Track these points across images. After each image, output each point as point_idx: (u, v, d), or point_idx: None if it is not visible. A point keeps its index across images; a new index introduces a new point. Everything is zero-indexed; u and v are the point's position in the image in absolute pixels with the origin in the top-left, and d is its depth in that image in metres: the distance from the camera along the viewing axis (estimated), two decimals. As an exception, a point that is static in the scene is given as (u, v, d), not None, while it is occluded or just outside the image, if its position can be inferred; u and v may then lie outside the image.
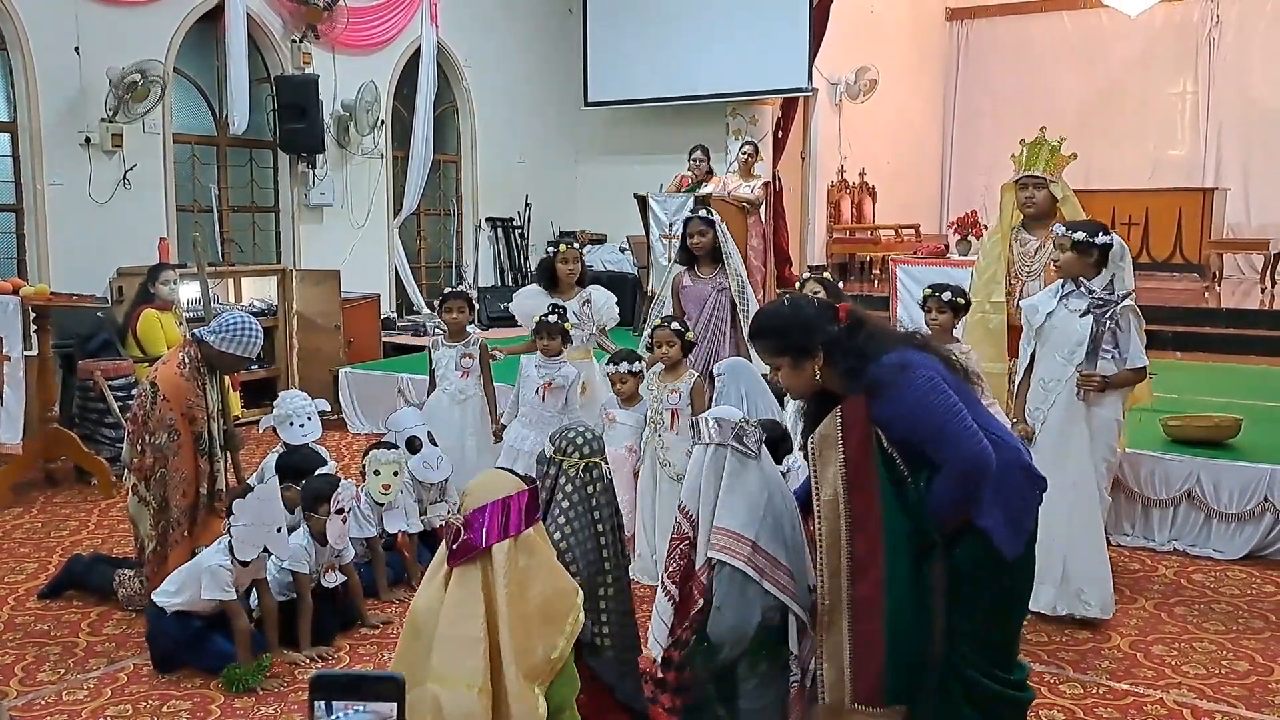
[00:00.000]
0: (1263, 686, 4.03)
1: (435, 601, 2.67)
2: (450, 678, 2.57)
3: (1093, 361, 4.39)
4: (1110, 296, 4.38)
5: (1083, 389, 4.40)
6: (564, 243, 5.96)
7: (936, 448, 2.90)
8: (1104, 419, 4.48)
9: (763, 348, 3.22)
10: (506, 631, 2.64)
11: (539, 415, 5.40)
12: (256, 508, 4.05)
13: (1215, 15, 14.85)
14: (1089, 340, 4.38)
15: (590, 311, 5.80)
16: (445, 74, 11.98)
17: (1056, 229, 4.55)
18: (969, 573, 2.92)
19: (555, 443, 3.33)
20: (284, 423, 5.22)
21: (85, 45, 8.44)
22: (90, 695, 3.95)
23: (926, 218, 15.81)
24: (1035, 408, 4.57)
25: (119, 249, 8.57)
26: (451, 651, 2.59)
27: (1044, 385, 4.54)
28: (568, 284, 5.82)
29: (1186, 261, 13.24)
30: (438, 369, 5.81)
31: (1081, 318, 4.42)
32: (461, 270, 12.49)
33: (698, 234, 5.86)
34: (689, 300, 5.93)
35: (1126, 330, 4.41)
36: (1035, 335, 4.58)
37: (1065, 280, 4.53)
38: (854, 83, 13.92)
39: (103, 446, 6.88)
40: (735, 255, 5.87)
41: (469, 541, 2.67)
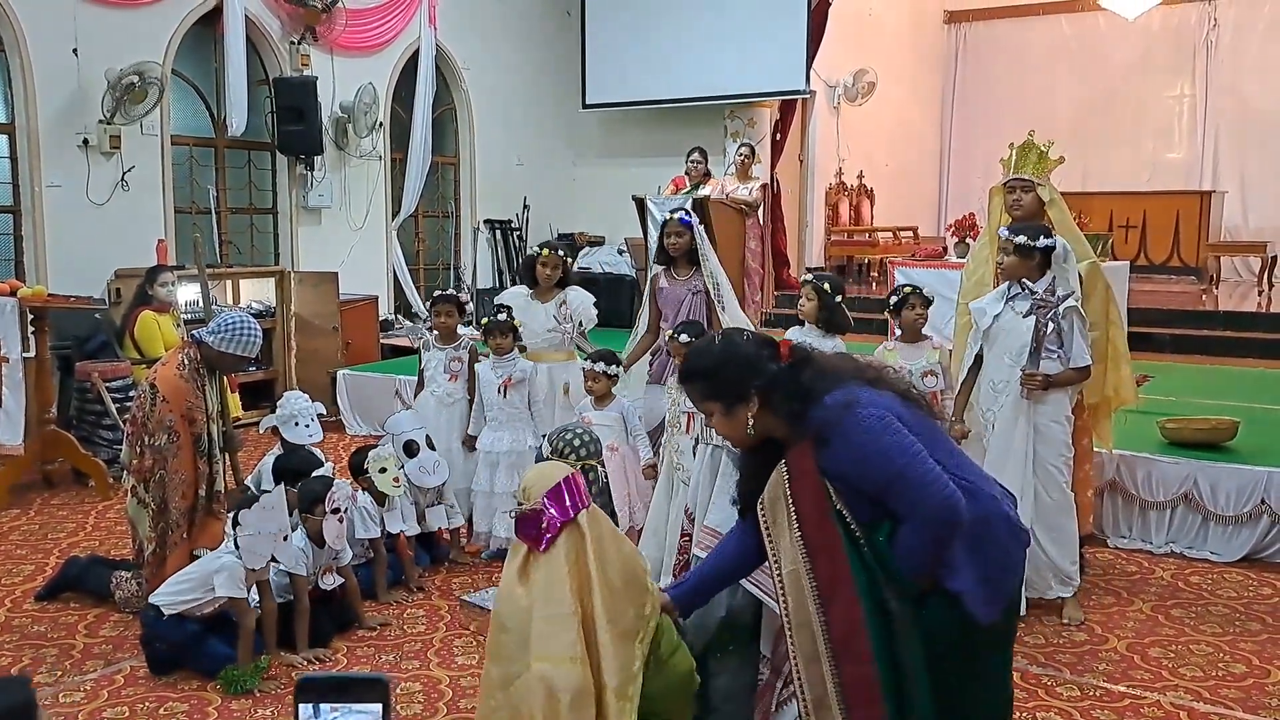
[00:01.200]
0: (1259, 689, 4.03)
1: (516, 589, 2.77)
2: (553, 655, 2.67)
3: (1035, 361, 4.44)
4: (1051, 298, 4.44)
5: (1025, 388, 4.45)
6: (547, 246, 5.98)
7: (895, 497, 2.55)
8: (1050, 417, 4.52)
9: (692, 391, 2.86)
10: (597, 599, 2.74)
11: (507, 414, 5.46)
12: (263, 516, 4.05)
13: (1213, 19, 14.86)
14: (1031, 340, 4.44)
15: (568, 312, 5.82)
16: (444, 76, 11.98)
17: (1000, 231, 4.62)
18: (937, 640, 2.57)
19: (553, 444, 3.33)
20: (288, 423, 5.22)
21: (83, 46, 8.44)
22: (87, 697, 3.95)
23: (924, 220, 15.81)
24: (986, 409, 4.63)
25: (117, 250, 8.56)
26: (550, 630, 2.69)
27: (993, 387, 4.61)
28: (546, 286, 5.84)
29: (1184, 264, 13.26)
30: (426, 370, 5.82)
31: (1025, 318, 4.48)
32: (460, 272, 12.48)
33: (674, 235, 5.87)
34: (666, 302, 5.94)
35: (1070, 330, 4.46)
36: (983, 337, 4.63)
37: (1011, 283, 4.59)
38: (852, 85, 13.93)
39: (100, 448, 6.88)
40: (712, 257, 5.87)
41: (554, 519, 2.77)
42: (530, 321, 5.67)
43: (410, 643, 4.44)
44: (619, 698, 2.70)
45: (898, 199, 15.48)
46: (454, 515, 5.46)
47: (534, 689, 2.65)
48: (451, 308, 5.76)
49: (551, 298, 5.83)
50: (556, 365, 5.79)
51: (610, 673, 2.71)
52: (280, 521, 4.09)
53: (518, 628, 2.73)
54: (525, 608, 2.74)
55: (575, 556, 2.77)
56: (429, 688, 4.02)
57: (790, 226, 12.92)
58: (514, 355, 5.50)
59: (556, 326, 5.76)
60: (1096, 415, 5.00)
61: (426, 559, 5.35)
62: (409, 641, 4.46)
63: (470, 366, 5.76)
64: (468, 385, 5.75)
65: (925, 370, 4.90)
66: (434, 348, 5.82)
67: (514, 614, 2.75)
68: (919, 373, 4.87)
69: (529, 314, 5.70)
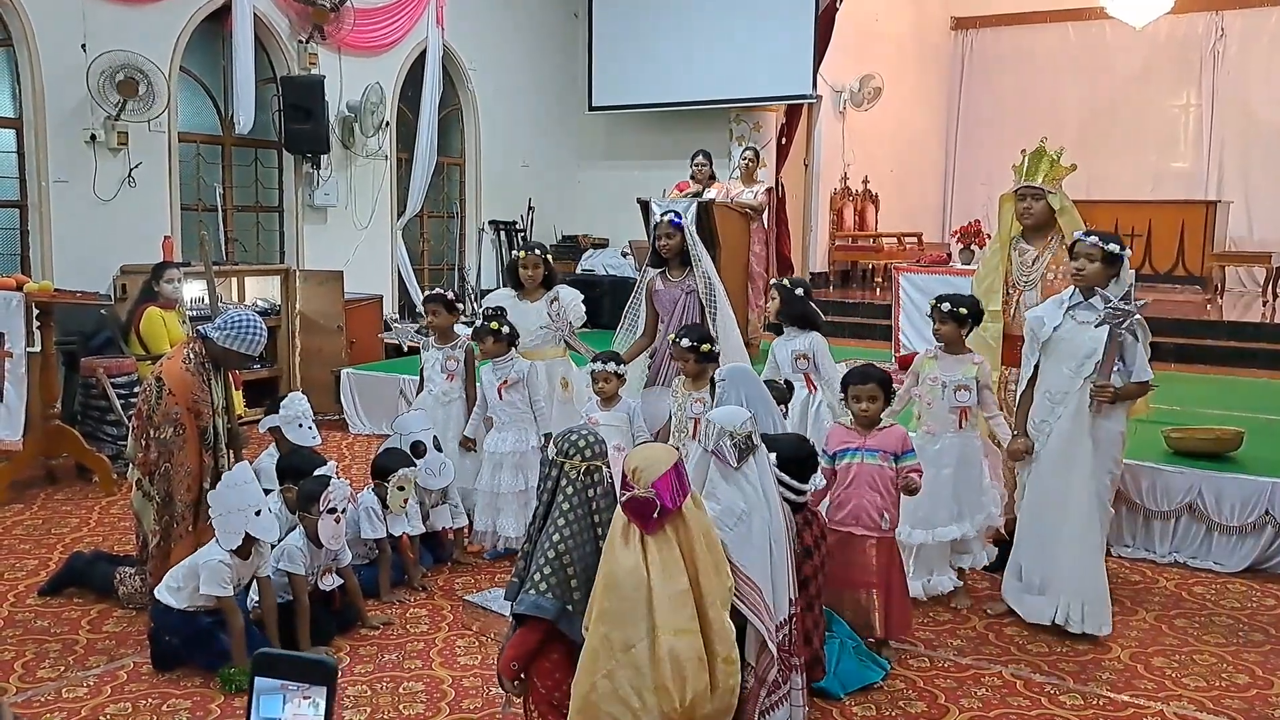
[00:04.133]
0: (1262, 700, 4.02)
1: (638, 564, 3.02)
2: (678, 626, 3.00)
3: (1106, 373, 4.34)
4: (1128, 306, 4.31)
5: (1096, 400, 4.36)
6: (525, 248, 5.99)
7: None
8: (1110, 431, 4.46)
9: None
10: (705, 575, 3.08)
11: (509, 415, 5.46)
12: (230, 494, 4.08)
13: (1219, 29, 14.88)
14: (1104, 350, 4.33)
15: (559, 310, 5.83)
16: (450, 77, 11.99)
17: (1082, 238, 4.47)
18: None
19: (558, 445, 3.34)
20: (291, 424, 5.21)
21: (91, 43, 8.44)
22: (90, 693, 3.95)
23: (929, 226, 15.84)
24: (1041, 420, 4.53)
25: (123, 247, 8.56)
26: (672, 605, 3.01)
27: (1050, 397, 4.50)
28: (532, 287, 5.86)
29: (1188, 274, 13.28)
30: (425, 369, 5.84)
31: (1095, 328, 4.37)
32: (464, 273, 12.49)
33: (665, 236, 5.89)
34: (661, 304, 5.95)
35: (1135, 343, 4.39)
36: (1040, 348, 4.54)
37: (1073, 291, 4.49)
38: (858, 90, 13.95)
39: (104, 444, 6.88)
40: (704, 257, 5.88)
41: (666, 508, 3.05)
42: (521, 320, 5.69)
43: (413, 642, 4.44)
44: (727, 663, 3.07)
45: (902, 205, 15.51)
46: (458, 515, 5.47)
47: (663, 658, 2.97)
48: (439, 307, 5.76)
49: (539, 297, 5.86)
50: (554, 362, 5.83)
51: (721, 642, 3.07)
52: (250, 497, 4.09)
53: (637, 597, 3.00)
54: (644, 580, 3.01)
55: (685, 539, 3.08)
56: (431, 687, 4.02)
57: (795, 231, 12.93)
58: (510, 356, 5.50)
59: (549, 324, 5.79)
60: None
61: (430, 559, 5.35)
62: (412, 641, 4.45)
63: (468, 366, 5.76)
64: (465, 385, 5.76)
65: (959, 385, 4.75)
66: (432, 347, 5.84)
67: (636, 584, 3.00)
68: (952, 386, 4.75)
69: (519, 314, 5.72)
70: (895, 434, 4.40)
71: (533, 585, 3.16)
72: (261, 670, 1.65)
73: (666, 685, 2.94)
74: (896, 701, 3.95)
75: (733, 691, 3.06)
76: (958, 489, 4.75)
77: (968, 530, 4.74)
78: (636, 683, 2.97)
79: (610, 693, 2.98)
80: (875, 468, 4.32)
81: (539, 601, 3.13)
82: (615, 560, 3.04)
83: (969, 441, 4.78)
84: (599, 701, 2.98)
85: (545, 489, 3.31)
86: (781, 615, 3.40)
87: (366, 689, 4.00)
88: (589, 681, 3.01)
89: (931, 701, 3.96)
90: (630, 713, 2.97)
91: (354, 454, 7.70)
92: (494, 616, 4.45)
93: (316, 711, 1.63)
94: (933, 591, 4.79)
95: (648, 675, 2.97)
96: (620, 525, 3.08)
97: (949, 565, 4.80)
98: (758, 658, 3.35)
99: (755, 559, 3.31)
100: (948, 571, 4.80)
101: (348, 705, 3.86)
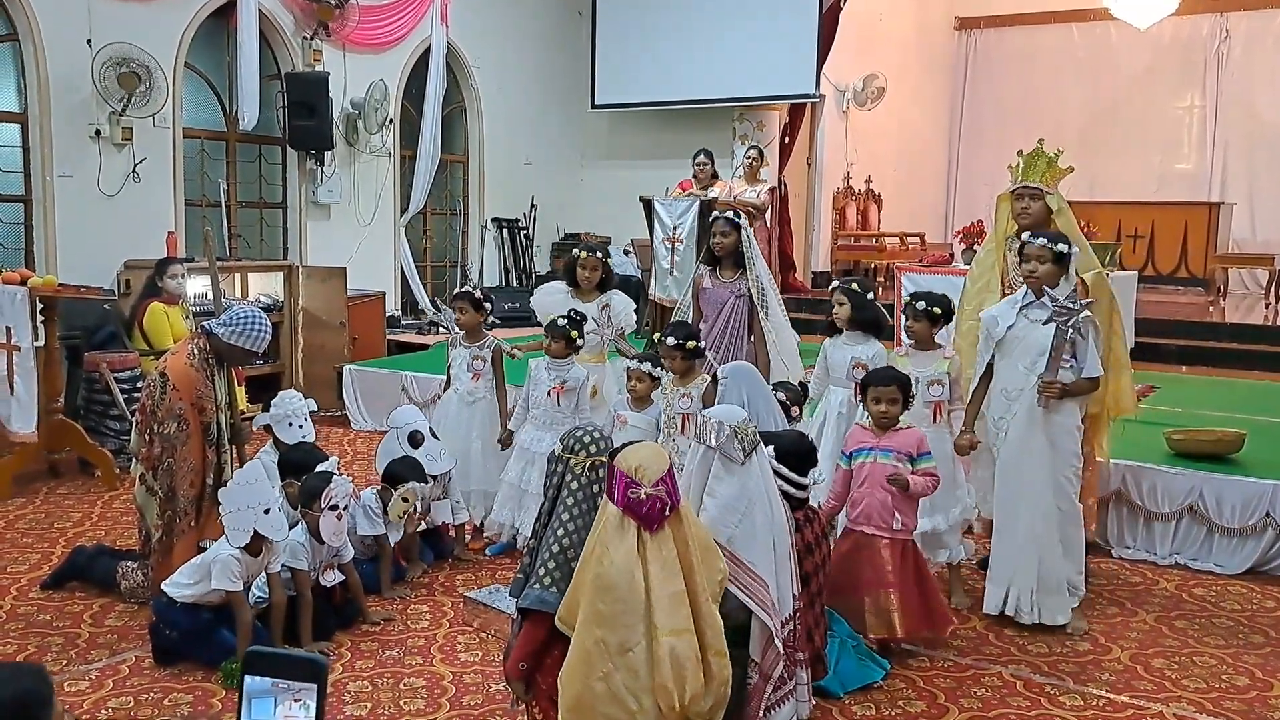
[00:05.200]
0: (1262, 702, 4.03)
1: (634, 565, 2.99)
2: (676, 628, 2.98)
3: (1053, 369, 4.43)
4: (1074, 305, 4.41)
5: (1044, 396, 4.43)
6: (586, 249, 5.95)
7: None
8: (1063, 426, 4.52)
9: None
10: (697, 570, 3.07)
11: (552, 417, 5.36)
12: (241, 492, 4.09)
13: (1224, 30, 14.86)
14: (1051, 347, 4.42)
15: (609, 315, 5.82)
16: (454, 74, 11.99)
17: (1031, 240, 4.56)
18: None
19: (564, 441, 3.34)
20: (281, 422, 5.17)
21: (97, 38, 8.45)
22: (91, 687, 3.96)
23: (932, 226, 15.83)
24: (999, 417, 4.62)
25: (127, 242, 8.57)
26: (670, 605, 2.99)
27: (1006, 395, 4.59)
28: (587, 289, 5.84)
29: (1191, 275, 13.28)
30: (452, 367, 5.79)
31: (1044, 325, 4.46)
32: (467, 270, 12.50)
33: (721, 235, 5.86)
34: (707, 302, 5.92)
35: (1085, 339, 4.45)
36: (995, 346, 4.61)
37: (1025, 290, 4.58)
38: (861, 90, 13.94)
39: (107, 439, 6.89)
40: (759, 260, 5.86)
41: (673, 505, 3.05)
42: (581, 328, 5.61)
43: (414, 638, 4.45)
44: (719, 655, 3.05)
45: (905, 204, 15.49)
46: (459, 511, 5.46)
47: (663, 659, 2.95)
48: (466, 304, 5.69)
49: (592, 299, 5.84)
50: (592, 367, 5.74)
51: (713, 635, 3.05)
52: (260, 496, 4.10)
53: (634, 599, 2.97)
54: (640, 581, 2.98)
55: (680, 536, 3.06)
56: (432, 684, 4.03)
57: (797, 230, 12.93)
58: (570, 361, 5.43)
59: (597, 329, 5.75)
60: (1095, 424, 4.99)
61: (430, 555, 5.35)
62: (412, 637, 4.47)
63: (495, 366, 5.71)
64: (496, 385, 5.71)
65: (931, 379, 4.85)
66: (459, 345, 5.76)
67: (632, 586, 2.97)
68: (925, 381, 4.82)
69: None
70: (912, 436, 4.42)
71: (538, 580, 3.16)
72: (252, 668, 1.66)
73: (667, 686, 2.94)
74: (896, 701, 3.96)
75: (726, 682, 3.07)
76: None
77: (939, 523, 4.77)
78: (633, 685, 2.96)
79: (606, 695, 2.97)
80: (889, 467, 4.33)
81: (544, 596, 3.13)
82: (610, 561, 3.01)
83: (942, 436, 4.83)
84: (594, 704, 2.97)
85: (551, 485, 3.32)
86: (786, 611, 3.41)
87: (367, 685, 4.01)
88: (582, 684, 2.99)
89: (931, 701, 3.97)
90: (628, 715, 2.97)
91: (355, 450, 7.71)
92: (495, 613, 4.46)
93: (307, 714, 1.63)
94: None
95: (645, 677, 2.96)
96: (613, 525, 3.03)
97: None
98: (763, 654, 3.35)
99: (760, 554, 3.32)
100: None
101: (348, 700, 3.88)
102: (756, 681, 3.34)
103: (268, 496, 4.15)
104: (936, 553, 4.86)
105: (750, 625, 3.36)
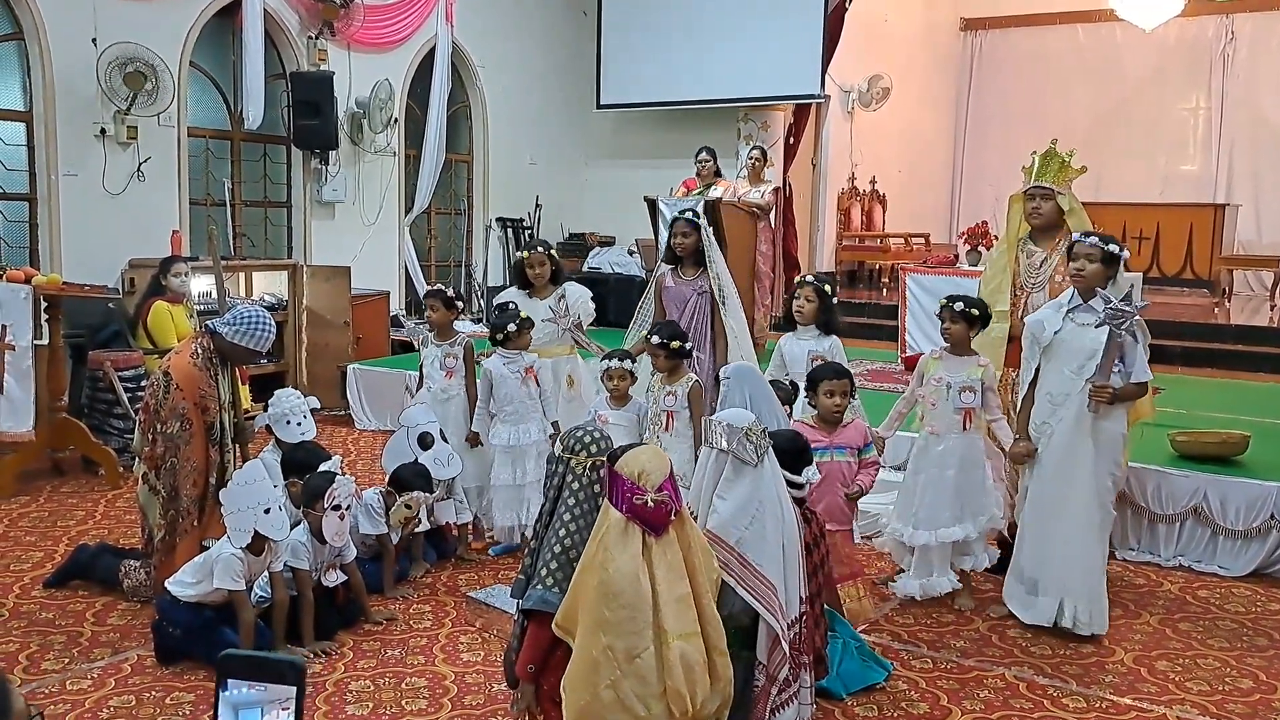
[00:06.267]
0: (1265, 704, 4.02)
1: (640, 570, 2.96)
2: (684, 632, 2.98)
3: (1105, 373, 4.35)
4: (1128, 307, 4.31)
5: (1094, 401, 4.37)
6: (529, 248, 5.98)
7: None
8: (1110, 433, 4.47)
9: None
10: (699, 571, 3.07)
11: (528, 407, 5.44)
12: (241, 492, 4.09)
13: (1230, 32, 14.84)
14: (1104, 351, 4.34)
15: (566, 306, 5.83)
16: (459, 74, 11.99)
17: (1081, 239, 4.48)
18: None
19: (564, 441, 3.34)
20: (280, 421, 5.13)
21: (102, 37, 8.46)
22: (94, 685, 3.96)
23: (936, 227, 15.81)
24: (1043, 421, 4.55)
25: (131, 241, 8.58)
26: (678, 610, 2.99)
27: (1052, 400, 4.52)
28: (540, 285, 5.87)
29: (1196, 277, 13.26)
30: (425, 366, 5.81)
31: (1096, 329, 4.38)
32: (471, 270, 12.51)
33: (681, 234, 5.88)
34: (670, 301, 5.94)
35: (1135, 344, 4.40)
36: (1042, 351, 4.55)
37: (1072, 293, 4.51)
38: (867, 90, 13.93)
39: (111, 437, 6.89)
40: (719, 259, 5.87)
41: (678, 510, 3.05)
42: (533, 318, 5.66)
43: (416, 638, 4.45)
44: (722, 655, 3.06)
45: (910, 205, 15.48)
46: (462, 511, 5.46)
47: (675, 664, 2.94)
48: (437, 302, 5.73)
49: (549, 294, 5.88)
50: (560, 360, 5.86)
51: (716, 635, 3.06)
52: (260, 496, 4.10)
53: (641, 604, 2.94)
54: (647, 588, 2.96)
55: (684, 539, 3.06)
56: (434, 683, 4.03)
57: (802, 231, 12.91)
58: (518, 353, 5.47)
59: (554, 320, 5.79)
60: None
61: (433, 555, 5.36)
62: (414, 637, 4.46)
63: (467, 363, 5.74)
64: (466, 382, 5.73)
65: (964, 386, 4.74)
66: (431, 344, 5.80)
67: (638, 591, 2.95)
68: (958, 387, 4.74)
69: (530, 312, 5.67)
70: (857, 429, 4.67)
71: (540, 581, 3.15)
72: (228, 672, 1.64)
73: (680, 690, 2.93)
74: (899, 702, 3.96)
75: (730, 681, 3.08)
76: (961, 490, 4.74)
77: (970, 531, 4.74)
78: (642, 691, 2.93)
79: (614, 703, 2.94)
80: (845, 464, 4.59)
81: (547, 596, 3.12)
82: (614, 567, 2.98)
83: (973, 443, 4.78)
84: (603, 712, 2.94)
85: (552, 485, 3.31)
86: (793, 613, 3.40)
87: (369, 684, 4.01)
88: (589, 693, 2.95)
89: (934, 703, 3.96)
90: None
91: (359, 449, 7.72)
92: (497, 613, 4.46)
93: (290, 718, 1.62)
94: (930, 592, 4.78)
95: (654, 683, 2.94)
96: (616, 531, 2.99)
97: (949, 567, 4.80)
98: (769, 656, 3.34)
99: (769, 557, 3.31)
100: (947, 573, 4.79)
101: (350, 700, 3.88)
102: (763, 684, 3.33)
103: (268, 496, 4.14)
104: (962, 560, 4.83)
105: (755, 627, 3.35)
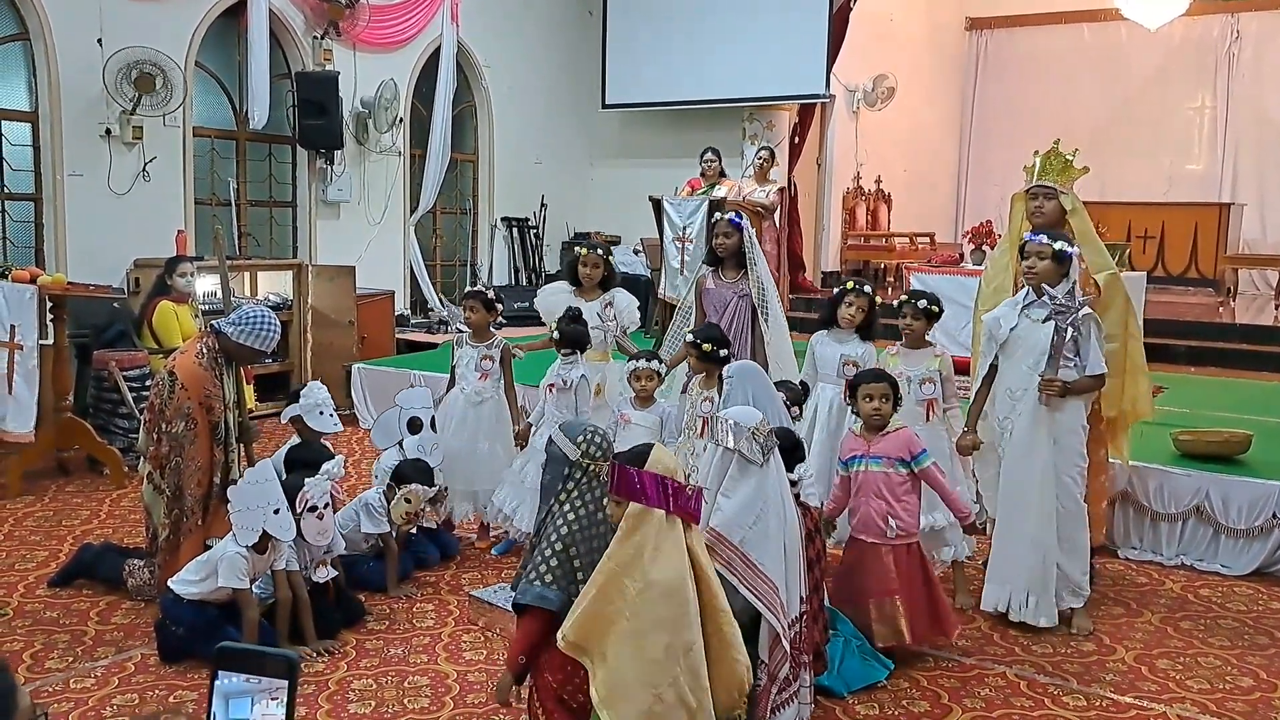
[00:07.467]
0: (1266, 703, 4.02)
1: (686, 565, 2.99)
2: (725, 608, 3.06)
3: (1053, 367, 4.43)
4: (1072, 303, 4.42)
5: (1044, 393, 4.44)
6: (587, 246, 5.94)
7: None
8: (1067, 425, 4.52)
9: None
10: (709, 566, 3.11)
11: (553, 416, 5.31)
12: (249, 491, 4.11)
13: (1235, 31, 14.81)
14: (1050, 346, 4.43)
15: (613, 314, 5.80)
16: (464, 73, 12.02)
17: (1031, 238, 4.56)
18: None
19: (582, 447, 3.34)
20: (313, 411, 5.17)
21: (108, 38, 8.49)
22: (97, 684, 3.98)
23: (941, 227, 15.79)
24: (1003, 417, 4.63)
25: (136, 240, 8.61)
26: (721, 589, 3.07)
27: (1011, 395, 4.60)
28: (589, 286, 5.83)
29: (1201, 276, 13.23)
30: (458, 367, 5.70)
31: (1044, 324, 4.47)
32: (476, 269, 12.52)
33: (723, 235, 5.84)
34: (710, 304, 5.90)
35: (1087, 337, 4.45)
36: (998, 346, 4.62)
37: (1026, 291, 4.59)
38: (872, 90, 13.93)
39: (116, 437, 6.91)
40: (761, 261, 5.84)
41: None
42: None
43: (419, 637, 4.46)
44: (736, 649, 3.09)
45: (915, 205, 15.47)
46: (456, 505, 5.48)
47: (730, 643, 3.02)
48: (476, 303, 5.62)
49: (595, 297, 5.80)
50: (593, 365, 5.66)
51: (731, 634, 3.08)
52: (270, 495, 4.13)
53: (692, 597, 2.97)
54: (693, 581, 2.99)
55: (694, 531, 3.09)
56: (436, 682, 4.04)
57: (807, 230, 12.93)
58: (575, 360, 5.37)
59: (600, 325, 5.72)
60: (1114, 429, 5.00)
61: (436, 554, 5.37)
62: (417, 635, 4.48)
63: (504, 366, 5.65)
64: (504, 385, 5.65)
65: (924, 378, 4.85)
66: (466, 344, 5.69)
67: (689, 585, 2.97)
68: (917, 379, 4.83)
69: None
70: (901, 438, 4.38)
71: (538, 576, 3.15)
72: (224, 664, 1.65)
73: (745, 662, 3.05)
74: (900, 701, 3.96)
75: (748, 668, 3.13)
76: None
77: (938, 520, 4.76)
78: (694, 685, 2.93)
79: (676, 702, 2.91)
80: (880, 475, 4.33)
81: (543, 593, 3.13)
82: (670, 566, 2.95)
83: (936, 433, 4.84)
84: (665, 713, 2.90)
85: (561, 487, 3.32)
86: (794, 612, 3.41)
87: (372, 683, 4.02)
88: (648, 696, 2.90)
89: (935, 701, 3.97)
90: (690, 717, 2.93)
91: (364, 449, 7.73)
92: (500, 612, 4.47)
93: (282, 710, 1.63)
94: None
95: (703, 675, 2.95)
96: (662, 529, 2.96)
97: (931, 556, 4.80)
98: (771, 654, 3.35)
99: (771, 556, 3.32)
100: None
101: (353, 698, 3.89)
102: (764, 683, 3.34)
103: (277, 496, 4.17)
104: (941, 550, 4.86)
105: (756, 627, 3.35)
